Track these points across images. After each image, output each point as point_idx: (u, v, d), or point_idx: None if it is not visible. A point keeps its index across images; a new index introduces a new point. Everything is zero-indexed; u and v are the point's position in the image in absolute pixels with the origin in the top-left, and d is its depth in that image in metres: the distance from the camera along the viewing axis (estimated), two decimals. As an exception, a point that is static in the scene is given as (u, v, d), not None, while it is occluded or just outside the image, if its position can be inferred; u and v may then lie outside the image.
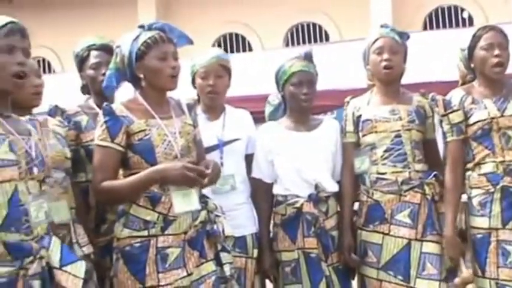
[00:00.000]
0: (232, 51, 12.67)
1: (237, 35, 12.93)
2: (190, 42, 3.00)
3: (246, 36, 12.86)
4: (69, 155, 3.10)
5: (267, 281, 3.57)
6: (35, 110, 3.07)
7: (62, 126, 3.19)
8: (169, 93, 2.96)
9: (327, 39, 12.53)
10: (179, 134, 2.84)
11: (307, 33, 12.76)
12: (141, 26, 2.88)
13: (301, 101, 3.41)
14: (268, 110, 3.67)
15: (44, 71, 13.42)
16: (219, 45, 12.88)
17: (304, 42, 12.58)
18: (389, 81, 3.40)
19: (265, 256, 3.41)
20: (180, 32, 2.96)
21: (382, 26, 3.46)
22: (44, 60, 13.80)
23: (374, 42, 3.39)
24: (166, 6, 12.87)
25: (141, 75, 2.83)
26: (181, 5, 12.82)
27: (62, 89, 5.29)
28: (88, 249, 2.99)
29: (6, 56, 2.28)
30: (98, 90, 3.28)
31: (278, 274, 3.43)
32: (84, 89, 3.51)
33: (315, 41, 12.66)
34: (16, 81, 2.30)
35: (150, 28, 2.86)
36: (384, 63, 3.34)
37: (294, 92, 3.40)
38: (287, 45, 12.62)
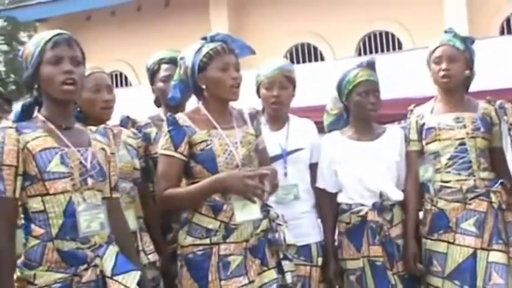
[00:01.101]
0: (304, 61, 12.65)
1: (309, 44, 12.90)
2: (253, 52, 3.03)
3: (318, 46, 12.82)
4: (138, 165, 3.16)
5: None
6: (109, 122, 3.15)
7: (134, 138, 3.25)
8: (234, 103, 2.99)
9: (400, 47, 12.34)
10: (240, 143, 2.87)
11: (379, 42, 12.61)
12: (204, 38, 2.93)
13: (368, 110, 3.39)
14: (328, 119, 3.65)
15: (121, 85, 13.74)
16: (291, 55, 12.88)
17: (376, 51, 12.42)
18: (449, 90, 3.36)
19: (331, 264, 3.40)
20: (242, 43, 3.00)
21: (446, 32, 3.41)
22: (121, 74, 14.14)
23: (434, 50, 3.36)
24: (238, 17, 12.95)
25: (204, 86, 2.88)
26: (254, 15, 12.89)
27: (139, 102, 5.41)
28: (154, 257, 3.06)
29: (53, 67, 2.34)
30: (167, 103, 3.34)
31: (343, 282, 3.43)
32: (157, 102, 3.58)
33: (388, 49, 12.49)
34: (64, 88, 2.34)
35: (212, 40, 2.90)
36: (441, 73, 3.31)
37: (361, 102, 3.39)
38: (359, 54, 12.49)
